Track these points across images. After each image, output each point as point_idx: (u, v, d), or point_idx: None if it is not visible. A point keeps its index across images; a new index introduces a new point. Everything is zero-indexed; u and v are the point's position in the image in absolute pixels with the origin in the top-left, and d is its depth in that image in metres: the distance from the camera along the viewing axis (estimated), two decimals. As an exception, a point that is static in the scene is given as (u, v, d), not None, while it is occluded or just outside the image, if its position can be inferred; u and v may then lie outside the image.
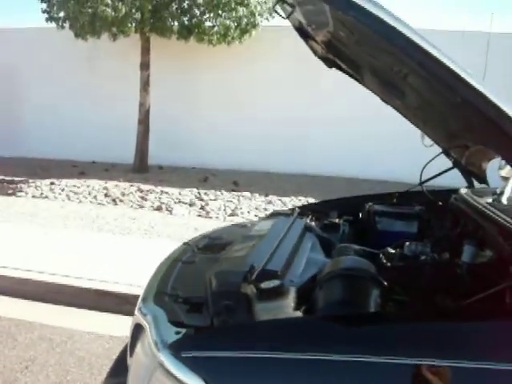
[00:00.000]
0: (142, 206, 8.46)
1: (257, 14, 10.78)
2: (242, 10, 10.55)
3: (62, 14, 10.57)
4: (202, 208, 8.40)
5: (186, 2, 10.62)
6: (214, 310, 1.69)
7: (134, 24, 10.38)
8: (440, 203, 2.88)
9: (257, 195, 9.51)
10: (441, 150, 2.97)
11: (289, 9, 2.24)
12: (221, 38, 10.79)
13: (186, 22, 10.70)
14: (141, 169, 11.75)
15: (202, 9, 10.63)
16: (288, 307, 1.68)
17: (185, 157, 12.53)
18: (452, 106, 1.96)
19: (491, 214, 2.05)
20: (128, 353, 2.07)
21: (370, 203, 2.99)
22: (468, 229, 2.35)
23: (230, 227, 3.29)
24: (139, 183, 10.16)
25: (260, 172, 11.95)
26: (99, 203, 8.70)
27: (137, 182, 10.24)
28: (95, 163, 12.88)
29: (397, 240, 2.49)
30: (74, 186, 9.87)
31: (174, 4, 10.54)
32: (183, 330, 1.62)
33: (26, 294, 4.75)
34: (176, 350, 1.51)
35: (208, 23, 10.77)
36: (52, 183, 10.04)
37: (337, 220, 2.93)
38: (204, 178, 11.24)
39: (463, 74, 1.52)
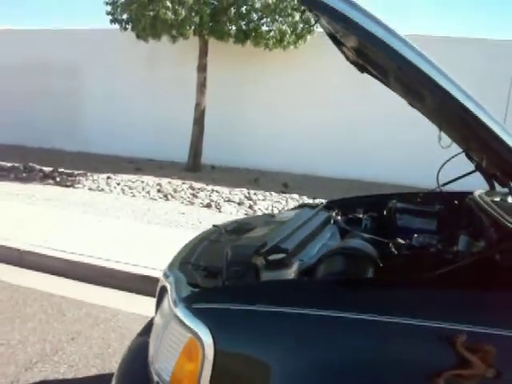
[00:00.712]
0: (192, 203, 8.74)
1: (312, 20, 10.94)
2: (298, 16, 10.77)
3: (125, 16, 11.06)
4: (250, 207, 8.59)
5: (244, 7, 10.89)
6: (227, 275, 1.92)
7: (192, 27, 10.70)
8: (457, 203, 3.05)
9: (305, 198, 9.61)
10: (454, 154, 3.11)
11: (315, 17, 2.44)
12: (277, 43, 11.00)
13: (244, 27, 10.98)
14: (194, 168, 12.07)
15: (259, 14, 10.90)
16: (290, 276, 1.91)
17: (237, 158, 12.78)
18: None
19: (489, 209, 2.21)
20: (154, 313, 2.33)
21: (394, 201, 3.17)
22: (471, 223, 2.52)
23: (259, 216, 3.52)
24: (191, 181, 10.46)
25: (311, 176, 12.09)
26: (152, 198, 9.04)
27: (189, 180, 10.56)
28: (151, 161, 13.31)
29: None
30: (129, 180, 10.30)
31: (232, 8, 10.80)
32: (198, 290, 1.87)
33: (78, 275, 5.07)
34: (188, 302, 1.76)
35: (264, 28, 11.01)
36: (109, 177, 10.49)
37: (361, 215, 3.13)
38: (255, 178, 11.43)
39: (437, 78, 1.71)
